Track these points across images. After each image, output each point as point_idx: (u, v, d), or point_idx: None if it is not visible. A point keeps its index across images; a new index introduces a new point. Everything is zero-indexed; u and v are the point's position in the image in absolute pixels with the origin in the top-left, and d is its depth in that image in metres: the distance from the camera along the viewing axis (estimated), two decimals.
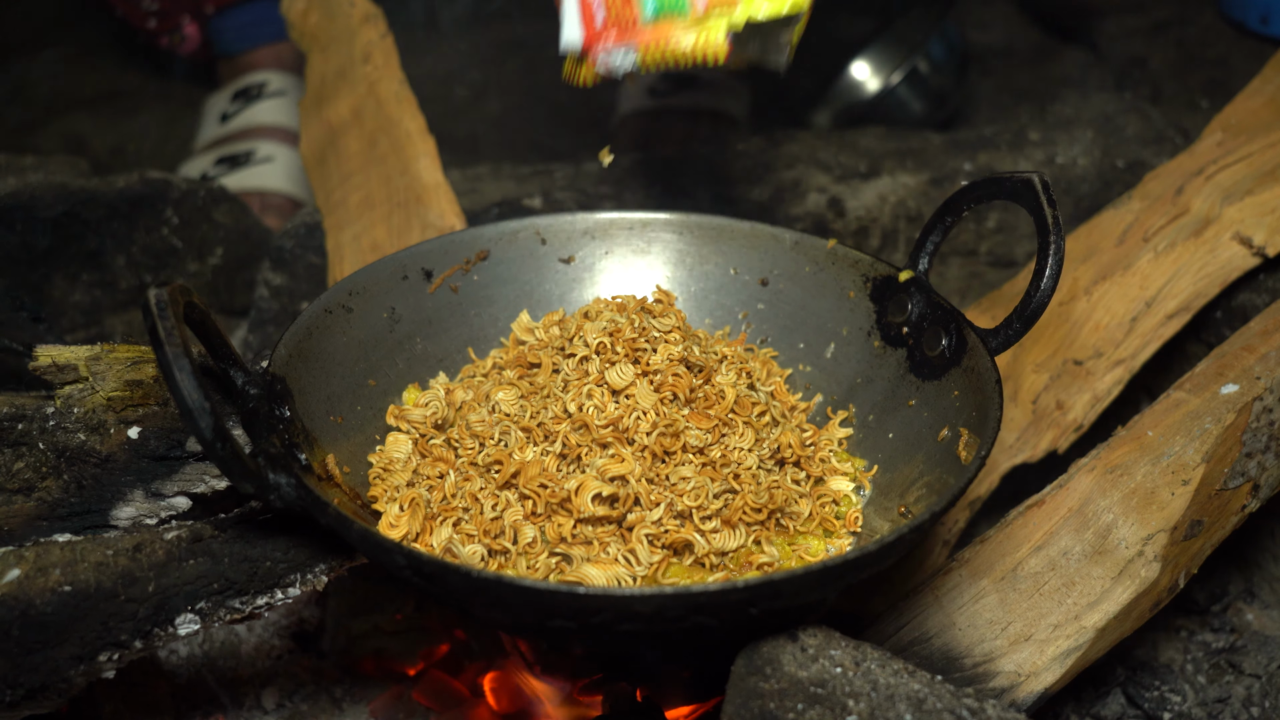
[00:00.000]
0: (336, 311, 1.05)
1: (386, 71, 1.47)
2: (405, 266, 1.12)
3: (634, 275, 1.19)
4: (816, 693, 0.82)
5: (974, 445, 0.92)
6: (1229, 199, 1.27)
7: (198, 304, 0.85)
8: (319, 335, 1.03)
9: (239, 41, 2.10)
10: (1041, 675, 0.97)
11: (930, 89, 1.95)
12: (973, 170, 1.57)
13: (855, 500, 1.03)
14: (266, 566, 0.90)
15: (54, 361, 0.96)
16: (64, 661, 0.84)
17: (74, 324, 1.54)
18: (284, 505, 0.82)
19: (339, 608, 1.25)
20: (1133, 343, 1.25)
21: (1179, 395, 1.09)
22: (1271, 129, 1.33)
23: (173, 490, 0.97)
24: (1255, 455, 1.05)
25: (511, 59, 2.57)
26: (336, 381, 1.03)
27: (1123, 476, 1.04)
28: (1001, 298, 1.34)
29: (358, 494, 0.97)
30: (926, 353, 1.04)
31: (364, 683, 1.20)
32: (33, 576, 0.83)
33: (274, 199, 1.91)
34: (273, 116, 2.02)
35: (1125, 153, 1.58)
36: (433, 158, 1.40)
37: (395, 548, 0.80)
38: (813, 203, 1.54)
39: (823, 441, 1.06)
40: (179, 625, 0.87)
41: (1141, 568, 0.99)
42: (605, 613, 0.78)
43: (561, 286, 1.18)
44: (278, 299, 1.53)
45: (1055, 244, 0.95)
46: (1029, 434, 1.25)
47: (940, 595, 1.02)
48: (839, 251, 1.13)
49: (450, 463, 0.99)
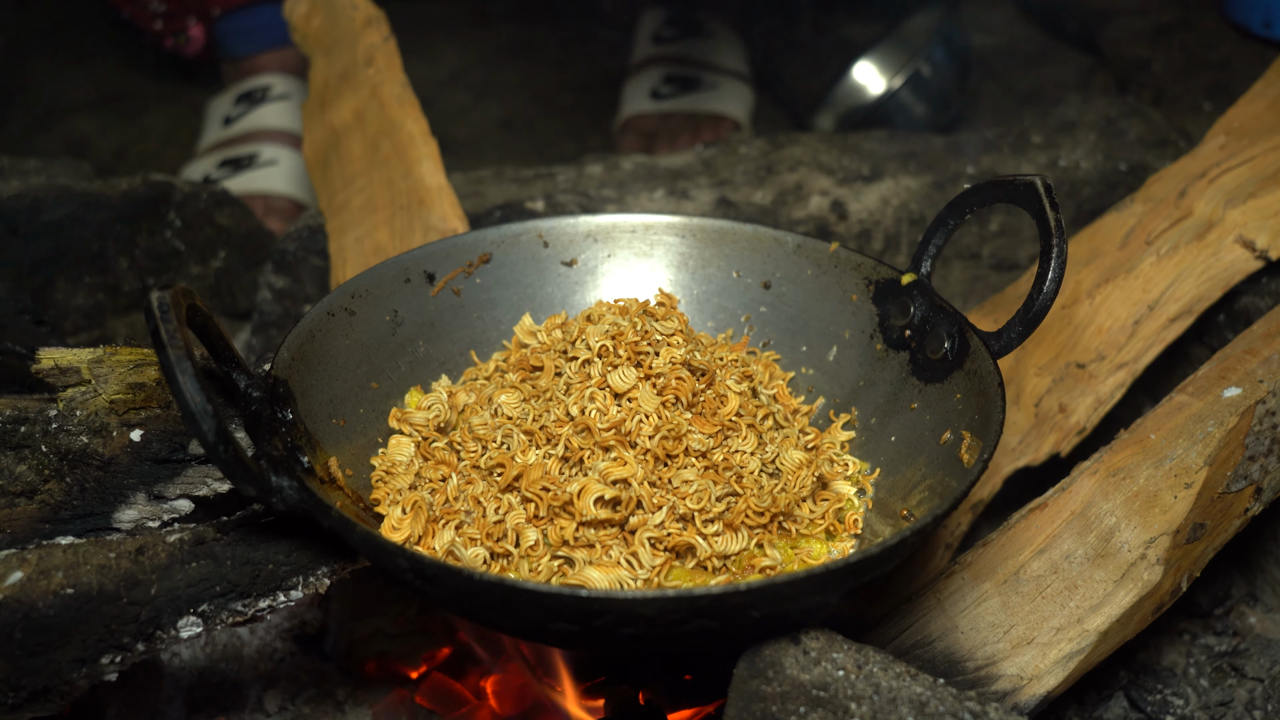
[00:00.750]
0: (339, 314, 1.06)
1: (389, 75, 1.47)
2: (408, 269, 1.12)
3: (636, 278, 1.19)
4: (819, 696, 0.82)
5: (976, 448, 0.92)
6: (1232, 202, 1.27)
7: (200, 307, 0.85)
8: (321, 338, 1.03)
9: (244, 45, 2.11)
10: (1044, 678, 0.97)
11: (933, 92, 1.95)
12: (975, 173, 1.57)
13: (857, 504, 1.03)
14: (269, 569, 0.90)
15: (56, 364, 0.96)
16: (66, 664, 0.84)
17: (76, 327, 1.54)
18: (286, 508, 0.82)
19: (341, 610, 1.25)
20: (1135, 346, 1.25)
21: (1181, 398, 1.09)
22: (1274, 132, 1.33)
23: (175, 493, 0.97)
24: (1258, 458, 1.05)
25: (513, 62, 2.57)
26: (339, 384, 1.03)
27: (1125, 480, 1.04)
28: (1004, 301, 1.34)
29: (360, 497, 0.97)
30: (929, 356, 1.04)
31: (366, 685, 1.20)
32: (35, 579, 0.84)
33: (277, 202, 1.91)
34: (276, 120, 2.02)
35: (1128, 156, 1.58)
36: (435, 161, 1.40)
37: (398, 550, 0.80)
38: (815, 206, 1.54)
39: (825, 445, 1.06)
40: (181, 628, 0.88)
41: (1144, 571, 0.99)
42: (607, 616, 0.78)
43: (564, 289, 1.18)
44: (280, 302, 1.53)
45: (1058, 247, 0.95)
46: (1031, 437, 1.25)
47: (943, 598, 1.02)
48: (841, 254, 1.13)
49: (453, 466, 0.99)
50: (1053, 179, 1.56)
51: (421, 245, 1.14)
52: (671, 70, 2.14)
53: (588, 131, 2.33)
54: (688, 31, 2.20)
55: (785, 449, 1.02)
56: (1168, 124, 1.64)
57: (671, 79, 2.13)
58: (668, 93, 2.11)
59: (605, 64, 2.46)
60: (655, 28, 2.23)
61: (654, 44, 2.21)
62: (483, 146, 2.29)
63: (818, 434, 1.06)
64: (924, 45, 1.94)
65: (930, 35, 1.95)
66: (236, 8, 2.07)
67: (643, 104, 2.11)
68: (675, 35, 2.20)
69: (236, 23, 2.09)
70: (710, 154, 1.64)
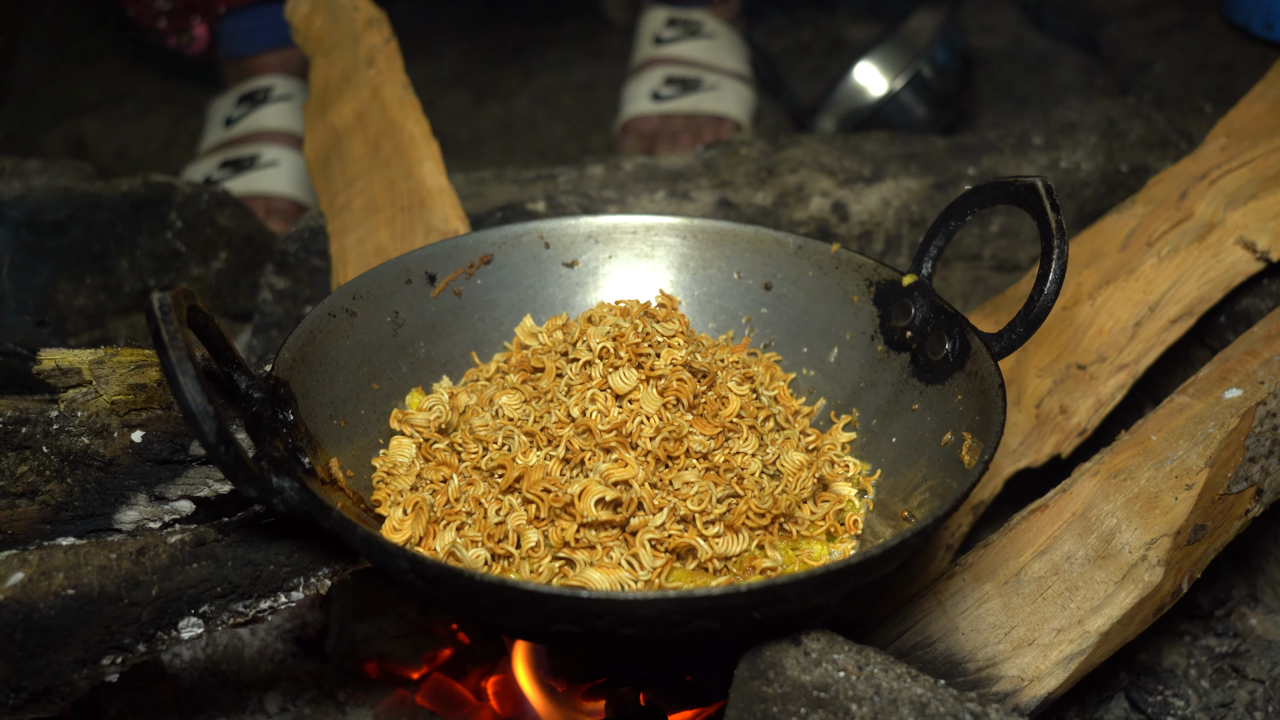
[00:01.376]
0: (340, 315, 1.06)
1: (390, 76, 1.47)
2: (409, 270, 1.12)
3: (637, 279, 1.19)
4: (819, 697, 0.82)
5: (977, 449, 0.92)
6: (1233, 204, 1.27)
7: (201, 308, 0.85)
8: (322, 339, 1.03)
9: (247, 45, 2.10)
10: (1045, 680, 0.97)
11: (934, 93, 1.95)
12: (976, 174, 1.57)
13: (858, 505, 1.03)
14: (270, 570, 0.90)
15: (58, 365, 0.96)
16: (67, 665, 0.84)
17: (78, 327, 1.54)
18: (287, 509, 0.83)
19: (342, 611, 1.25)
20: (1136, 347, 1.25)
21: (1182, 400, 1.09)
22: (1275, 134, 1.33)
23: (176, 494, 0.97)
24: (1259, 460, 1.05)
25: (514, 63, 2.57)
26: (340, 385, 1.03)
27: (1126, 481, 1.04)
28: (1005, 302, 1.34)
29: (361, 498, 0.97)
30: (930, 357, 1.04)
31: (367, 687, 1.20)
32: (36, 580, 0.84)
33: (279, 203, 1.91)
34: (278, 121, 2.02)
35: (1129, 157, 1.58)
36: (436, 161, 1.40)
37: (399, 552, 0.80)
38: (816, 207, 1.54)
39: (826, 446, 1.06)
40: (182, 629, 0.88)
41: (1145, 572, 0.99)
42: (608, 617, 0.78)
43: (565, 290, 1.18)
44: (281, 303, 1.53)
45: (1059, 248, 0.95)
46: (1032, 438, 1.25)
47: (943, 600, 1.02)
48: (843, 256, 1.13)
49: (454, 467, 0.99)
50: (1054, 180, 1.56)
51: (423, 246, 1.14)
52: (672, 71, 2.14)
53: (589, 133, 2.33)
54: (688, 33, 2.21)
55: (786, 450, 1.02)
56: (1169, 125, 1.64)
57: (672, 80, 2.13)
58: (669, 94, 2.11)
59: (606, 65, 2.46)
60: (656, 29, 2.23)
61: (655, 45, 2.21)
62: (484, 147, 2.29)
63: (819, 435, 1.06)
64: (925, 47, 1.94)
65: (931, 36, 1.95)
66: (241, 6, 2.07)
67: (644, 105, 2.11)
68: (676, 37, 2.20)
69: (241, 21, 2.08)
70: (711, 155, 1.64)
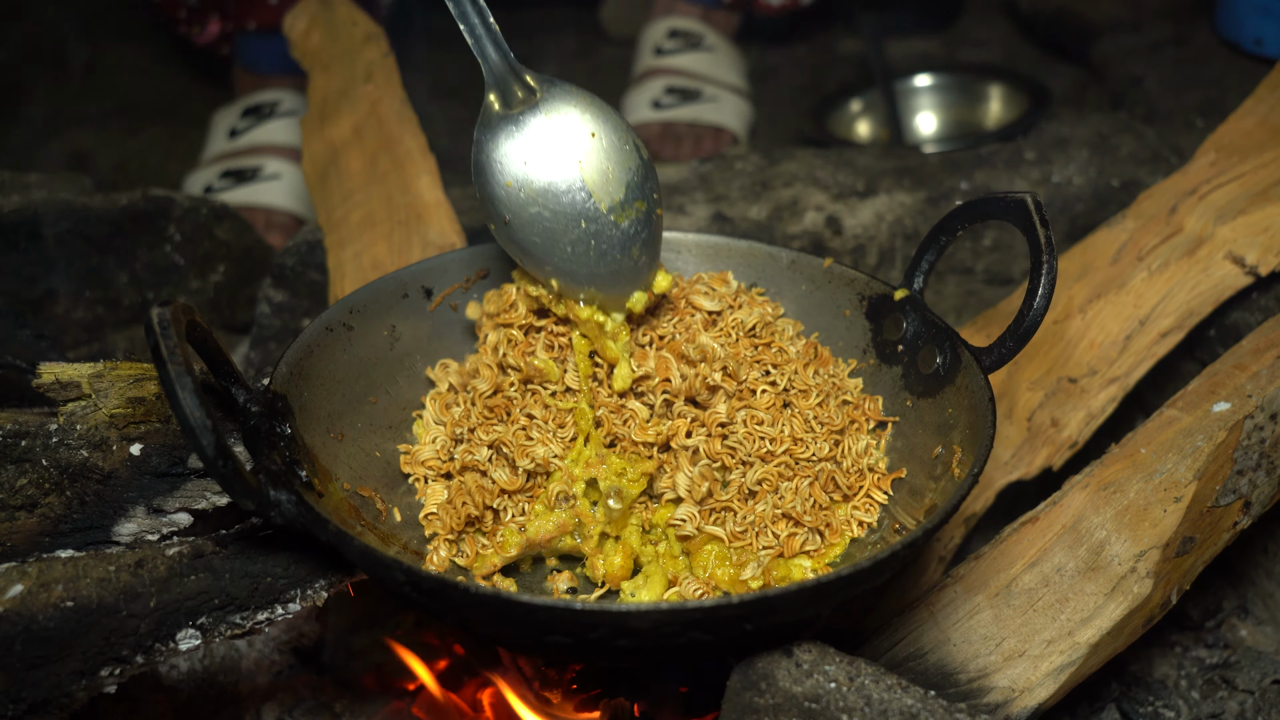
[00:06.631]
0: (337, 329, 1.06)
1: (388, 90, 1.48)
2: (406, 285, 1.13)
3: None
4: (811, 708, 0.83)
5: (967, 462, 0.93)
6: (1222, 218, 1.28)
7: (199, 323, 0.86)
8: (319, 353, 1.04)
9: (267, 64, 2.10)
10: (1035, 691, 0.97)
11: None
12: (969, 189, 1.58)
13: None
14: (267, 582, 0.91)
15: (57, 379, 0.97)
16: (66, 676, 0.85)
17: (77, 341, 1.55)
18: (284, 522, 0.83)
19: (339, 623, 1.25)
20: (1127, 360, 1.26)
21: (1171, 413, 1.10)
22: (1264, 149, 1.34)
23: (174, 506, 0.98)
24: (1247, 472, 1.06)
25: None
26: (337, 399, 1.04)
27: (1116, 493, 1.05)
28: (997, 315, 1.35)
29: (358, 510, 0.98)
30: (921, 370, 1.05)
31: (364, 698, 1.20)
32: (35, 592, 0.84)
33: (279, 217, 1.92)
34: (283, 136, 2.02)
35: (1120, 172, 1.59)
36: (434, 176, 1.41)
37: (394, 564, 0.81)
38: (810, 221, 1.55)
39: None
40: (180, 640, 0.88)
41: (1134, 584, 1.00)
42: (601, 629, 0.79)
43: None
44: (279, 316, 1.54)
45: (1048, 263, 0.96)
46: (1024, 451, 1.26)
47: (935, 611, 1.03)
48: (835, 270, 1.14)
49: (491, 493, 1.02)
50: (1046, 195, 1.57)
51: (420, 260, 1.15)
52: (673, 81, 2.16)
53: None
54: (689, 45, 2.22)
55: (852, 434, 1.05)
56: (1160, 140, 1.65)
57: (673, 90, 2.15)
58: (669, 102, 2.12)
59: (604, 78, 2.47)
60: (657, 40, 2.25)
61: (656, 56, 2.23)
62: None
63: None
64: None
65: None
66: (271, 29, 2.06)
67: (645, 113, 2.13)
68: (677, 48, 2.22)
69: (268, 44, 2.08)
70: (706, 169, 1.65)
